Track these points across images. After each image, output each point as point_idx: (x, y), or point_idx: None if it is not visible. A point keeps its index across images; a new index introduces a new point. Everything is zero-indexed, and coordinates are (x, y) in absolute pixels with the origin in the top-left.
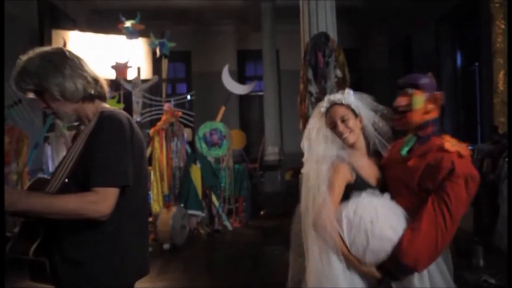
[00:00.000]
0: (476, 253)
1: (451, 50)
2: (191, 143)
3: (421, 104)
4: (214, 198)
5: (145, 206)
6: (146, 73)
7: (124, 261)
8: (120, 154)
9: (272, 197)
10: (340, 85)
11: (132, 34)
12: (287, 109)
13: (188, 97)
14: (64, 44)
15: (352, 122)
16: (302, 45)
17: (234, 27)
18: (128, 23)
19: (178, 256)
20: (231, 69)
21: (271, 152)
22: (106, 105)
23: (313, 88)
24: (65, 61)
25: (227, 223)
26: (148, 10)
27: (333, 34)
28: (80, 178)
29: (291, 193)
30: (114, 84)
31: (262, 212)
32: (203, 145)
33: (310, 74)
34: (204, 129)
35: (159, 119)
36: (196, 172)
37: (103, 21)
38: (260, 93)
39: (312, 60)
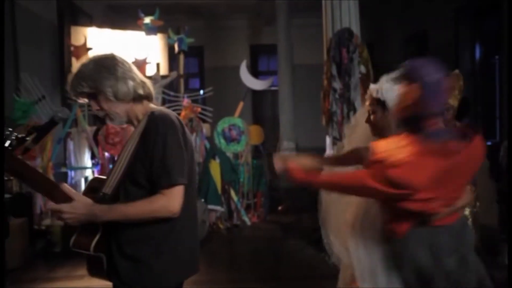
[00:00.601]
0: (502, 251)
1: (470, 43)
2: (209, 139)
3: None
4: (232, 193)
5: (195, 204)
6: (162, 69)
7: (181, 258)
8: (178, 153)
9: (288, 192)
10: (364, 81)
11: (151, 30)
12: (301, 104)
13: (201, 92)
14: (85, 41)
15: (379, 115)
16: (325, 41)
17: (247, 22)
18: (147, 19)
19: (203, 250)
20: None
21: (287, 147)
22: (153, 105)
23: (337, 84)
24: (116, 64)
25: (246, 218)
26: (161, 5)
27: (356, 29)
28: (136, 177)
29: (306, 188)
30: None
31: (280, 208)
32: (222, 141)
33: (334, 70)
34: (222, 124)
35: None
36: (215, 168)
37: (118, 17)
38: (273, 88)
39: (336, 56)
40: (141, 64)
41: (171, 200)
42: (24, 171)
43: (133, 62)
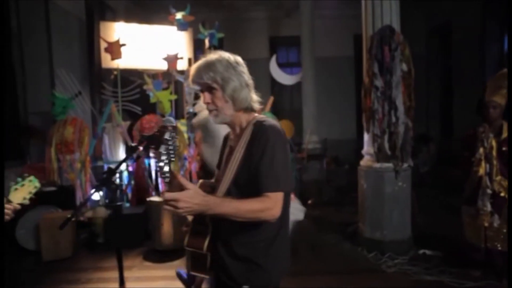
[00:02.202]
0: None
1: (498, 34)
2: None
3: None
4: None
5: (289, 209)
6: (185, 63)
7: (283, 259)
8: (285, 161)
9: (315, 186)
10: (405, 79)
11: (182, 25)
12: (323, 97)
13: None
14: (118, 37)
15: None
16: (364, 38)
17: (266, 14)
18: (179, 15)
19: None
20: (263, 56)
21: (310, 141)
22: (256, 114)
23: (378, 82)
24: (244, 72)
25: None
26: None
27: (397, 27)
28: (242, 182)
29: (331, 181)
30: (166, 75)
31: (309, 201)
32: None
33: (376, 68)
34: None
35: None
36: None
37: (140, 11)
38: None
39: (378, 54)
40: (172, 59)
41: (276, 205)
42: None
43: (164, 58)
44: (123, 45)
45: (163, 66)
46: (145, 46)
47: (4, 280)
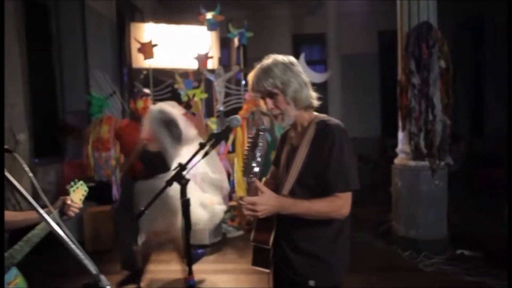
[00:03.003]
0: None
1: None
2: (269, 131)
3: None
4: None
5: None
6: (214, 62)
7: (346, 256)
8: (353, 161)
9: None
10: (444, 76)
11: (213, 25)
12: (347, 95)
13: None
14: (151, 38)
15: None
16: (399, 35)
17: (289, 11)
18: (209, 15)
19: (244, 240)
20: (286, 55)
21: None
22: (315, 113)
23: (415, 80)
24: (300, 72)
25: None
26: None
27: (434, 23)
28: (305, 179)
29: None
30: (196, 74)
31: None
32: None
33: (412, 66)
34: None
35: (237, 108)
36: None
37: (166, 12)
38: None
39: (416, 51)
40: (203, 58)
41: (345, 204)
42: None
43: (195, 57)
44: (155, 45)
45: (193, 65)
46: (174, 46)
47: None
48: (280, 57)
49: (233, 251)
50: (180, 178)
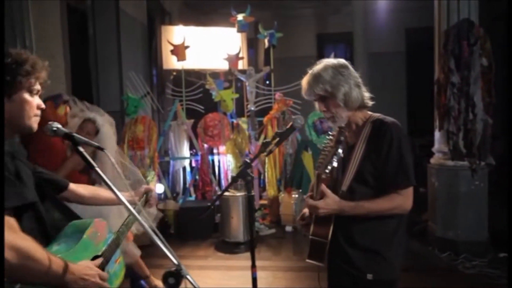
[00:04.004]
0: None
1: None
2: (299, 131)
3: None
4: None
5: None
6: (243, 63)
7: (403, 251)
8: (411, 157)
9: None
10: (485, 74)
11: (243, 26)
12: (374, 94)
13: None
14: (183, 40)
15: None
16: (437, 33)
17: (313, 11)
18: (240, 17)
19: (297, 238)
20: (310, 54)
21: None
22: (370, 112)
23: (455, 79)
24: (351, 74)
25: None
26: None
27: (475, 19)
28: (364, 176)
29: None
30: (226, 74)
31: None
32: (313, 133)
33: (452, 64)
34: (313, 117)
35: (268, 108)
36: (308, 159)
37: (192, 14)
38: None
39: (456, 49)
40: (234, 59)
41: (407, 200)
42: None
43: (225, 58)
44: (188, 47)
45: (224, 65)
46: (203, 47)
47: None
48: (330, 62)
49: (267, 249)
50: (246, 175)
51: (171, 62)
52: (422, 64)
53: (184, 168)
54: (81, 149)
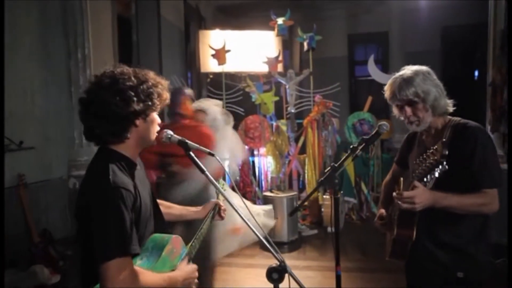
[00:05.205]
0: None
1: None
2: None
3: None
4: (363, 186)
5: None
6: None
7: (490, 250)
8: (496, 159)
9: None
10: None
11: (283, 30)
12: None
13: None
14: (224, 44)
15: None
16: (491, 33)
17: (344, 11)
18: (280, 20)
19: (340, 239)
20: (342, 55)
21: (398, 140)
22: (449, 117)
23: None
24: (437, 80)
25: (375, 210)
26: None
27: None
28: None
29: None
30: (266, 77)
31: None
32: (352, 135)
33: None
34: (352, 119)
35: (307, 110)
36: (347, 161)
37: (225, 18)
38: (370, 78)
39: None
40: (274, 63)
41: (493, 199)
42: None
43: (265, 62)
44: (228, 51)
45: (262, 68)
46: (241, 51)
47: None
48: (418, 68)
49: (312, 249)
50: (333, 179)
51: (208, 66)
52: (459, 62)
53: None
54: (192, 154)
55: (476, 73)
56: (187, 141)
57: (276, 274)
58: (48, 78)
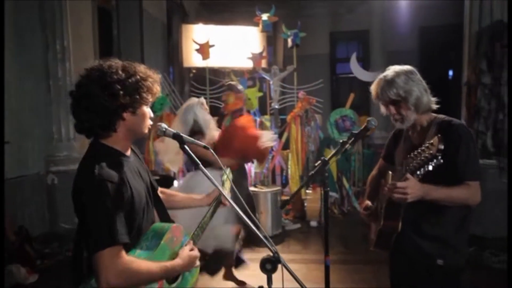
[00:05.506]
0: None
1: None
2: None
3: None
4: (345, 181)
5: None
6: (264, 61)
7: (468, 240)
8: (478, 155)
9: None
10: None
11: (267, 26)
12: None
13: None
14: (208, 42)
15: None
16: (467, 34)
17: (327, 9)
18: (264, 16)
19: (322, 232)
20: (324, 52)
21: (379, 136)
22: (434, 114)
23: (486, 79)
24: (420, 79)
25: (356, 205)
26: None
27: (507, 21)
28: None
29: None
30: (251, 73)
31: None
32: (335, 131)
33: (484, 65)
34: (335, 115)
35: (291, 106)
36: (337, 155)
37: (209, 13)
38: (351, 75)
39: (489, 50)
40: (258, 58)
41: (476, 192)
42: None
43: (250, 57)
44: (212, 46)
45: (246, 64)
46: (224, 46)
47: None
48: (401, 68)
49: (295, 243)
50: (323, 172)
51: (192, 60)
52: (434, 62)
53: None
54: (187, 148)
55: (451, 73)
56: (181, 134)
57: (269, 264)
58: (23, 70)
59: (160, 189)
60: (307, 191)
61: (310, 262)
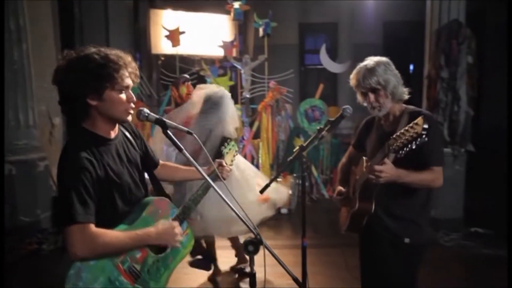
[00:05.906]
0: None
1: None
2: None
3: None
4: (313, 169)
5: None
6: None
7: (429, 219)
8: (442, 142)
9: None
10: (471, 71)
11: (239, 15)
12: None
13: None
14: (178, 28)
15: None
16: (428, 31)
17: (297, 1)
18: (236, 4)
19: (293, 219)
20: (293, 43)
21: (345, 126)
22: (404, 105)
23: (444, 74)
24: (396, 71)
25: (324, 192)
26: None
27: (463, 20)
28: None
29: None
30: (221, 62)
31: None
32: (304, 120)
33: (442, 60)
34: (304, 105)
35: (262, 95)
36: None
37: None
38: (319, 67)
39: (446, 47)
40: (229, 47)
41: (440, 176)
42: None
43: (221, 46)
44: (183, 32)
45: (216, 52)
46: (194, 33)
47: None
48: (379, 59)
49: (267, 229)
50: (301, 158)
51: (160, 47)
52: (397, 56)
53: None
54: (170, 132)
55: (412, 66)
56: (164, 119)
57: (252, 246)
58: None
59: (162, 162)
60: (278, 179)
61: (283, 248)
